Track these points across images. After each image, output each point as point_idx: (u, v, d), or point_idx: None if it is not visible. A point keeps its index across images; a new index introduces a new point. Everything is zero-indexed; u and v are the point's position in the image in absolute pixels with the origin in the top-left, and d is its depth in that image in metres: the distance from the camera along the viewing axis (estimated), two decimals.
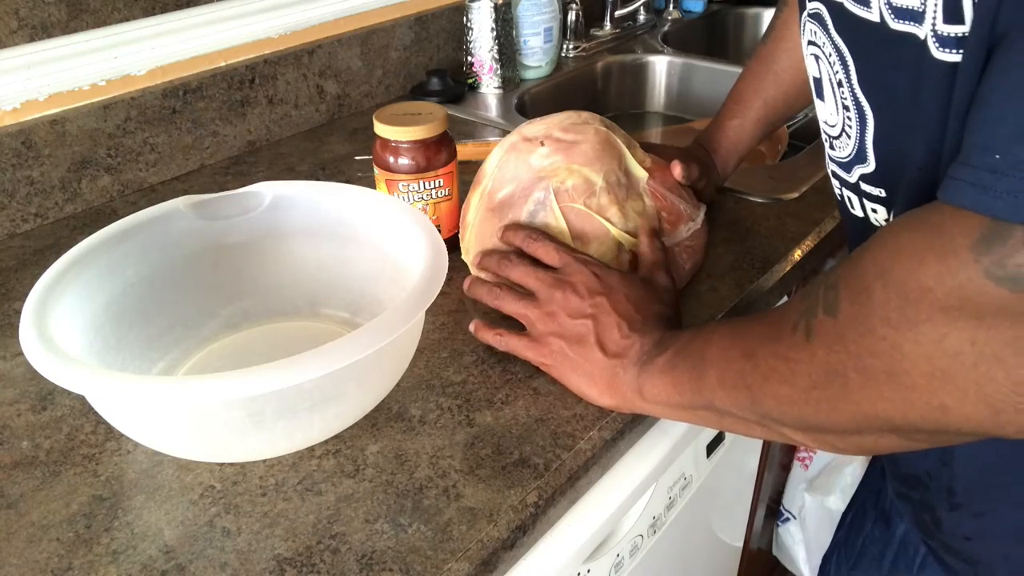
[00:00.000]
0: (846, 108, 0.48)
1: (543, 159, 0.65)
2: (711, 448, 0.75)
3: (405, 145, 0.68)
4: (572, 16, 1.29)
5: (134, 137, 0.86)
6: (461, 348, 0.63)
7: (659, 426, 0.63)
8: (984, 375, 0.35)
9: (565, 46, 1.30)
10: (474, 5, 1.10)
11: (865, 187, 0.49)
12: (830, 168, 0.54)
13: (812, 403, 0.43)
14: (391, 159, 0.69)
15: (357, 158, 0.95)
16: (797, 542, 1.19)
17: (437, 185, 0.70)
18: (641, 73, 1.34)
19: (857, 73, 0.46)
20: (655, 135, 1.31)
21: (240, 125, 0.95)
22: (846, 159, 0.50)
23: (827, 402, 0.42)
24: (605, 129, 0.67)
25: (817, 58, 0.50)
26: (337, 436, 0.55)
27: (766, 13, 1.54)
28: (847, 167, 0.50)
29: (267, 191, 0.63)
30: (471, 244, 0.69)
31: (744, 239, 0.78)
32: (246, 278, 0.64)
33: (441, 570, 0.46)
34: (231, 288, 0.64)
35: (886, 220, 0.49)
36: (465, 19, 1.12)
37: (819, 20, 0.48)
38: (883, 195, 0.48)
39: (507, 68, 1.14)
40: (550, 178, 0.64)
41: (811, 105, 0.84)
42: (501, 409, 0.57)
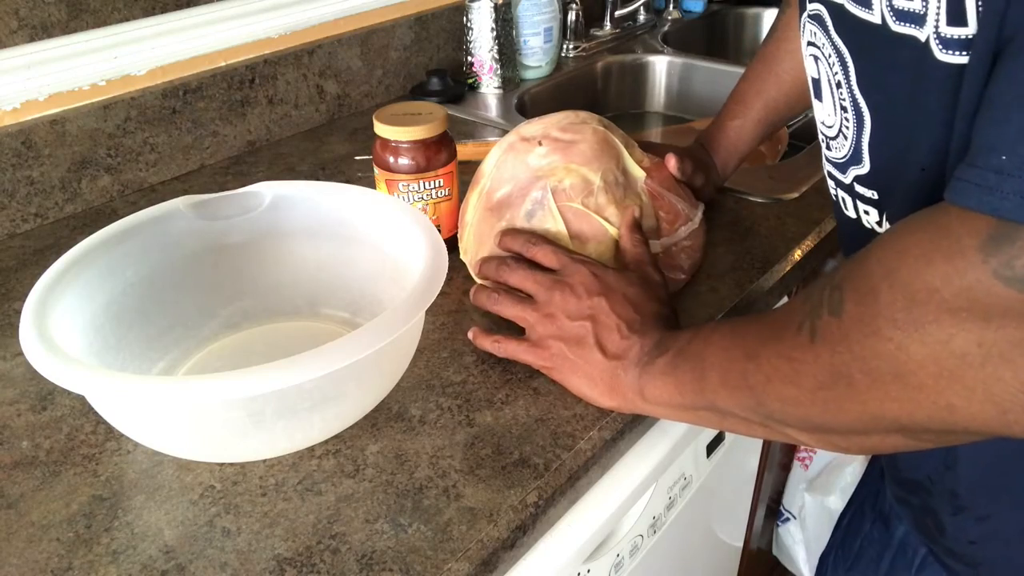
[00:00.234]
0: (844, 109, 0.48)
1: (541, 159, 0.65)
2: (711, 448, 0.75)
3: (405, 145, 0.68)
4: (572, 16, 1.29)
5: (134, 137, 0.86)
6: (461, 348, 0.63)
7: (659, 426, 0.63)
8: (991, 375, 0.35)
9: (565, 46, 1.30)
10: (474, 5, 1.10)
11: (859, 188, 0.49)
12: (826, 168, 0.54)
13: (817, 404, 0.43)
14: (391, 159, 0.69)
15: (357, 158, 0.95)
16: (797, 542, 1.19)
17: (437, 185, 0.70)
18: (641, 73, 1.34)
19: (856, 74, 0.46)
20: (655, 135, 1.31)
21: (240, 125, 0.95)
22: (842, 160, 0.50)
23: (832, 403, 0.42)
24: (603, 129, 0.67)
25: (816, 59, 0.50)
26: (337, 436, 0.55)
27: (766, 13, 1.54)
28: (842, 168, 0.50)
29: (267, 191, 0.63)
30: (469, 243, 0.69)
31: (744, 239, 0.78)
32: (246, 278, 0.64)
33: (441, 570, 0.46)
34: (231, 288, 0.64)
35: (877, 223, 0.49)
36: (465, 19, 1.12)
37: (819, 21, 0.48)
38: (875, 197, 0.48)
39: (507, 68, 1.14)
40: (548, 177, 0.64)
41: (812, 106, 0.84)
42: (501, 409, 0.57)
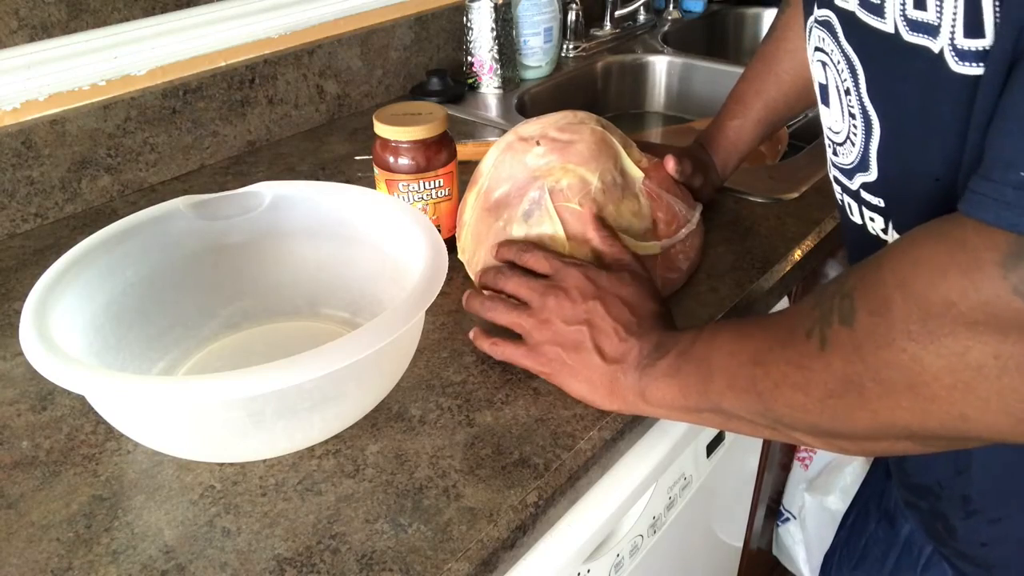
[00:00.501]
0: (852, 116, 0.47)
1: (539, 159, 0.65)
2: (711, 448, 0.75)
3: (405, 145, 0.68)
4: (572, 16, 1.29)
5: (134, 137, 0.86)
6: (461, 348, 0.63)
7: (659, 426, 0.63)
8: (1007, 387, 0.36)
9: (565, 46, 1.30)
10: (474, 5, 1.10)
11: (865, 195, 0.49)
12: (832, 173, 0.53)
13: (827, 411, 0.42)
14: (391, 159, 0.69)
15: (357, 158, 0.95)
16: (797, 542, 1.19)
17: (437, 185, 0.70)
18: (641, 73, 1.34)
19: (866, 82, 0.45)
20: (655, 135, 1.31)
21: (240, 125, 0.95)
22: (849, 166, 0.50)
23: (843, 410, 0.42)
24: (601, 129, 0.67)
25: (824, 64, 0.50)
26: (337, 436, 0.55)
27: (766, 13, 1.54)
28: (849, 174, 0.50)
29: (267, 191, 0.63)
30: (467, 243, 0.69)
31: (744, 239, 0.78)
32: (246, 278, 0.64)
33: (441, 570, 0.46)
34: (231, 288, 0.64)
35: (883, 230, 0.49)
36: (465, 19, 1.12)
37: (828, 27, 0.48)
38: (882, 205, 0.48)
39: (507, 68, 1.14)
40: (545, 178, 0.64)
41: (812, 106, 0.84)
42: (501, 409, 0.57)
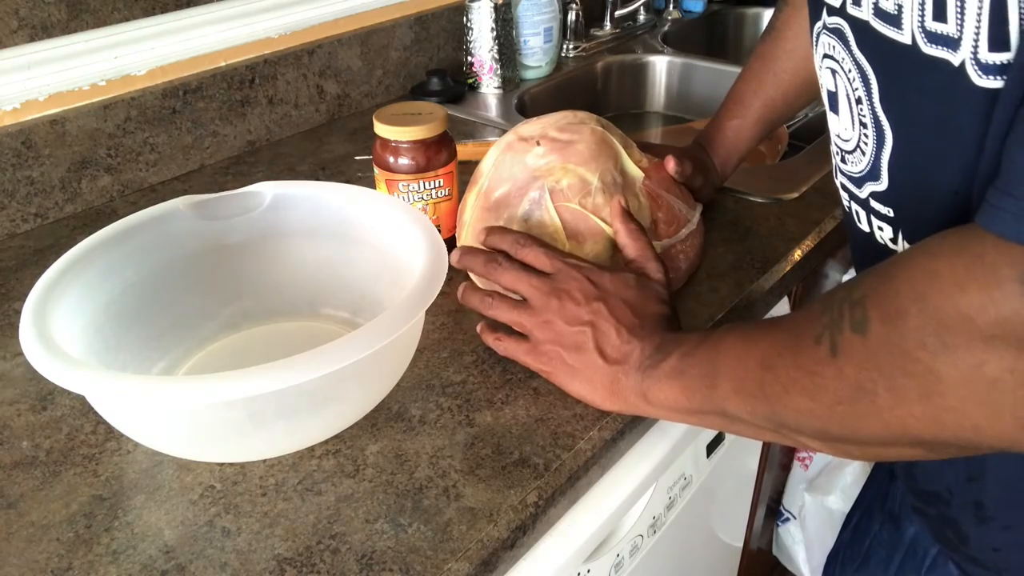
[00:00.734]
0: (863, 125, 0.47)
1: (539, 158, 0.65)
2: (711, 448, 0.75)
3: (405, 145, 0.68)
4: (572, 16, 1.29)
5: (134, 137, 0.86)
6: (461, 348, 0.63)
7: (659, 426, 0.63)
8: (1022, 400, 0.36)
9: (565, 46, 1.30)
10: (474, 5, 1.10)
11: (874, 204, 0.49)
12: (839, 180, 0.53)
13: (837, 417, 0.42)
14: (391, 159, 0.69)
15: (357, 158, 0.95)
16: (797, 542, 1.19)
17: (437, 185, 0.70)
18: (641, 73, 1.34)
19: (879, 92, 0.45)
20: (655, 135, 1.31)
21: (240, 125, 0.95)
22: (858, 175, 0.49)
23: (853, 417, 0.41)
24: (601, 129, 0.67)
25: (834, 72, 0.49)
26: (337, 436, 0.55)
27: (766, 13, 1.54)
28: (858, 183, 0.49)
29: (267, 191, 0.63)
30: (467, 243, 0.69)
31: (744, 239, 0.78)
32: (246, 278, 0.64)
33: (441, 570, 0.46)
34: (231, 288, 0.64)
35: (891, 239, 0.49)
36: (465, 19, 1.12)
37: (839, 35, 0.47)
38: (891, 215, 0.48)
39: (507, 68, 1.14)
40: (545, 178, 0.64)
41: (811, 105, 0.84)
42: (501, 409, 0.57)
